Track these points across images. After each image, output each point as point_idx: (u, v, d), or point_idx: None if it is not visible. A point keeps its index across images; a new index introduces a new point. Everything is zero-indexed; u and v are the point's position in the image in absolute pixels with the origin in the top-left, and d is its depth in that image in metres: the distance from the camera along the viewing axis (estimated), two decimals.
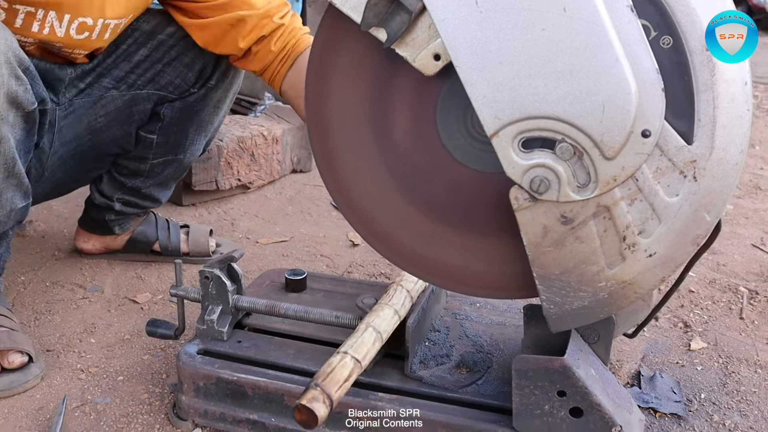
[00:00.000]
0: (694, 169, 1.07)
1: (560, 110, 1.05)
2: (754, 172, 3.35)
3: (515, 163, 1.10)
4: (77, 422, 1.52)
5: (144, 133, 1.98)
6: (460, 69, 1.08)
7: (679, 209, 1.09)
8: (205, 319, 1.53)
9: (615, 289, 1.16)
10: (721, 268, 2.31)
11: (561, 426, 1.26)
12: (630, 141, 1.05)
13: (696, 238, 1.11)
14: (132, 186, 2.08)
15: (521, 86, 1.06)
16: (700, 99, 1.05)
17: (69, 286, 2.09)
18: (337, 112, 1.28)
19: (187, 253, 2.21)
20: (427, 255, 1.32)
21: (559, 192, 1.10)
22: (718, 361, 1.80)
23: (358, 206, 1.33)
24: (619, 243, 1.13)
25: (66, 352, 1.77)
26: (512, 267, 1.25)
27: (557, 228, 1.14)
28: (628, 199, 1.10)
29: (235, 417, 1.45)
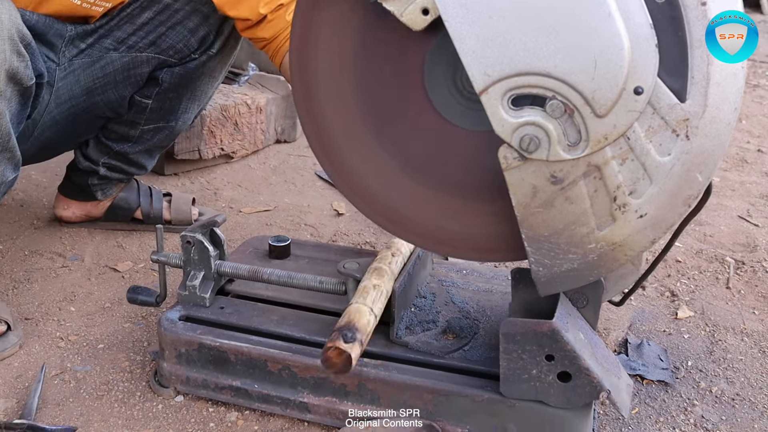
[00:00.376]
0: (686, 127, 1.05)
1: (551, 66, 1.03)
2: (741, 145, 3.34)
3: (504, 121, 1.08)
4: (56, 390, 1.49)
5: (139, 97, 1.94)
6: (449, 23, 1.05)
7: (671, 169, 1.07)
8: (186, 285, 1.50)
9: (605, 251, 1.14)
10: (707, 239, 2.30)
11: (549, 390, 1.24)
12: (622, 98, 1.02)
13: (688, 198, 1.09)
14: (119, 150, 2.04)
15: (511, 41, 1.03)
16: (694, 55, 1.03)
17: (48, 255, 2.05)
18: (322, 74, 1.25)
19: (169, 221, 2.18)
20: (415, 217, 1.29)
21: (549, 151, 1.08)
22: (705, 329, 1.79)
23: (345, 169, 1.30)
24: (609, 203, 1.10)
25: (45, 320, 1.74)
26: (501, 228, 1.23)
27: (547, 188, 1.11)
28: (620, 158, 1.07)
29: (217, 384, 1.43)
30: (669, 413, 1.48)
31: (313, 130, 1.29)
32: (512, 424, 1.29)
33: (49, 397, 1.47)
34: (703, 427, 1.45)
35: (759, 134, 3.54)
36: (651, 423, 1.45)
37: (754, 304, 1.92)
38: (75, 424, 1.40)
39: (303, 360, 1.37)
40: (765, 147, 3.33)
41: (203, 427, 1.40)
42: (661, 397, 1.53)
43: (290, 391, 1.39)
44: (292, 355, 1.37)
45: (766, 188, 2.79)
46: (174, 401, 1.47)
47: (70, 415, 1.43)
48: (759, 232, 2.37)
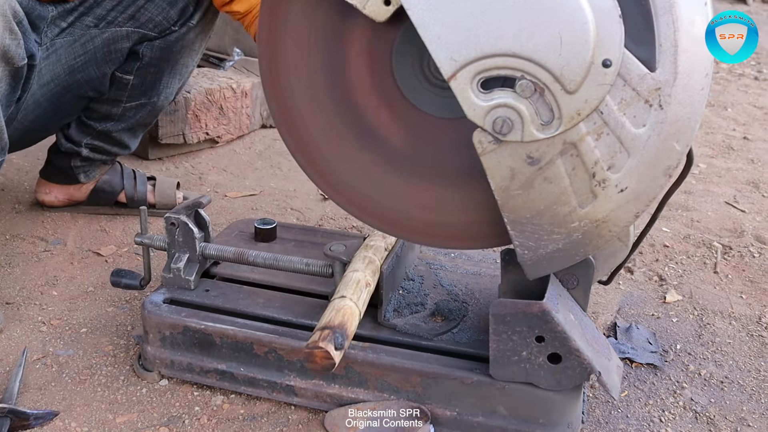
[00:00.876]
0: (659, 97, 1.03)
1: (517, 46, 1.01)
2: (727, 133, 3.35)
3: (476, 105, 1.06)
4: (38, 374, 1.47)
5: (120, 74, 1.91)
6: (411, 11, 1.03)
7: (647, 140, 1.05)
8: (171, 268, 1.47)
9: (589, 229, 1.12)
10: (695, 224, 2.30)
11: (539, 372, 1.23)
12: (591, 72, 1.01)
13: (667, 169, 1.07)
14: (102, 130, 2.00)
15: (475, 24, 1.02)
16: (660, 23, 1.01)
17: (30, 239, 2.01)
18: (292, 69, 1.23)
19: (153, 205, 2.15)
20: (393, 208, 1.27)
21: (523, 131, 1.06)
22: (693, 313, 1.79)
23: (316, 157, 1.28)
24: (589, 180, 1.08)
25: (27, 304, 1.71)
26: (482, 215, 1.21)
27: (524, 169, 1.10)
28: (595, 133, 1.05)
29: (202, 367, 1.41)
30: (658, 396, 1.48)
31: (283, 122, 1.27)
32: (502, 406, 1.28)
33: (30, 382, 1.44)
34: (692, 410, 1.44)
35: (744, 122, 3.54)
36: (640, 405, 1.44)
37: (742, 288, 1.92)
38: (57, 408, 1.37)
39: (289, 343, 1.35)
40: (751, 134, 3.33)
41: (188, 411, 1.38)
42: (650, 380, 1.52)
43: (277, 374, 1.37)
44: (279, 338, 1.35)
45: (752, 175, 2.79)
46: (158, 385, 1.45)
47: (52, 399, 1.40)
48: (745, 217, 2.37)
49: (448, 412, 1.30)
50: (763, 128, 3.45)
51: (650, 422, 1.40)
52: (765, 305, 1.83)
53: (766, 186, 2.67)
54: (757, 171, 2.85)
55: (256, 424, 1.35)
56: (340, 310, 1.22)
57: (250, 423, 1.35)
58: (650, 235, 2.17)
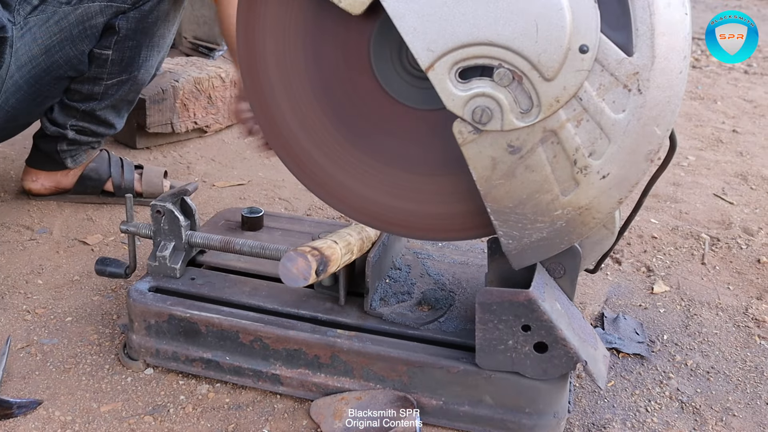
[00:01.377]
0: (637, 81, 1.02)
1: (493, 34, 1.01)
2: (716, 126, 3.36)
3: (454, 95, 1.06)
4: (22, 363, 1.46)
5: (98, 50, 1.88)
6: (386, 3, 1.03)
7: (627, 125, 1.04)
8: (157, 256, 1.46)
9: (572, 216, 1.12)
10: (683, 216, 2.30)
11: (525, 361, 1.23)
12: (568, 59, 1.00)
13: (649, 153, 1.06)
14: (86, 110, 1.98)
15: (450, 14, 1.01)
16: (635, 7, 1.00)
17: (15, 228, 2.00)
18: (270, 65, 1.22)
19: (140, 194, 2.13)
20: (375, 200, 1.26)
21: (503, 120, 1.06)
22: (681, 304, 1.79)
23: (296, 151, 1.27)
24: (570, 167, 1.08)
25: (11, 293, 1.70)
26: (466, 206, 1.21)
27: (506, 158, 1.09)
28: (574, 120, 1.04)
29: (188, 356, 1.40)
30: (645, 386, 1.48)
31: (262, 114, 1.26)
32: (488, 395, 1.28)
33: (14, 370, 1.43)
34: (678, 400, 1.44)
35: (734, 115, 3.55)
36: (627, 395, 1.45)
37: (729, 279, 1.92)
38: (41, 397, 1.36)
39: (275, 331, 1.34)
40: (740, 127, 3.34)
41: (173, 400, 1.37)
42: (636, 370, 1.52)
43: (262, 363, 1.37)
44: (264, 327, 1.35)
45: (740, 167, 2.80)
46: (143, 374, 1.44)
47: (36, 388, 1.39)
48: (733, 209, 2.37)
49: (434, 401, 1.30)
50: (753, 121, 3.46)
51: (636, 412, 1.40)
52: (752, 296, 1.84)
53: (755, 178, 2.68)
54: (746, 163, 2.85)
55: (242, 413, 1.35)
56: (332, 248, 1.21)
57: (235, 412, 1.35)
58: (638, 227, 2.18)
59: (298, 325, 1.34)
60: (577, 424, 1.36)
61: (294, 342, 1.32)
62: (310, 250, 1.16)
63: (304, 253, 1.14)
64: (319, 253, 1.17)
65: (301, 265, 1.13)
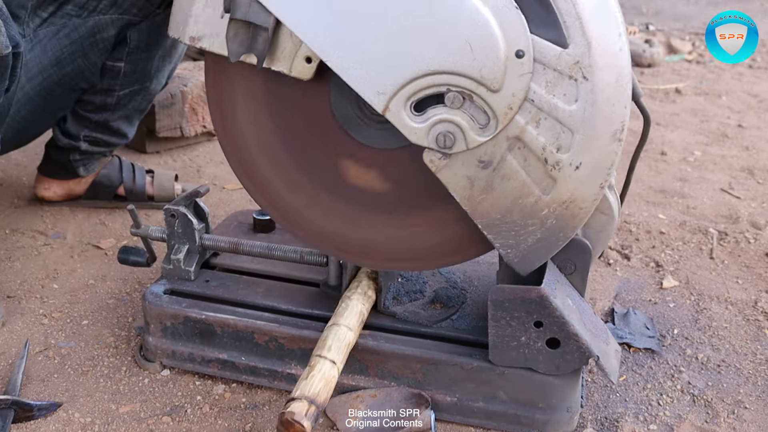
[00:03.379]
0: (580, 69, 1.04)
1: (433, 63, 1.05)
2: (722, 121, 3.37)
3: (415, 128, 1.10)
4: (41, 366, 1.48)
5: (111, 62, 1.89)
6: (330, 62, 1.08)
7: (584, 113, 1.06)
8: (171, 259, 1.48)
9: (560, 212, 1.14)
10: (690, 211, 2.31)
11: (538, 357, 1.24)
12: (508, 67, 1.04)
13: (615, 133, 1.08)
14: (99, 120, 2.00)
15: (390, 56, 1.06)
16: (557, 2, 1.03)
17: (30, 234, 2.02)
18: (248, 139, 1.28)
19: (152, 197, 2.15)
20: (370, 241, 1.30)
21: (466, 140, 1.09)
22: (690, 298, 1.80)
23: (287, 211, 1.32)
24: (543, 167, 1.10)
25: (28, 297, 1.72)
26: (459, 229, 1.23)
27: (480, 174, 1.12)
28: (533, 122, 1.07)
29: (204, 357, 1.42)
30: (656, 380, 1.49)
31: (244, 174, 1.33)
32: (501, 391, 1.29)
33: (33, 374, 1.45)
34: (689, 393, 1.45)
35: (739, 110, 3.56)
36: (638, 389, 1.46)
37: (738, 273, 1.93)
38: (60, 399, 1.38)
39: (290, 331, 1.36)
40: (745, 122, 3.35)
41: (190, 401, 1.39)
42: (648, 365, 1.54)
43: (278, 363, 1.38)
44: (279, 327, 1.36)
45: (746, 162, 2.81)
46: (160, 375, 1.46)
47: (55, 390, 1.41)
48: (741, 204, 2.38)
49: (449, 397, 1.32)
50: (758, 116, 3.47)
51: (648, 405, 1.42)
52: (761, 290, 1.85)
53: (761, 173, 2.69)
54: (752, 158, 2.86)
55: (258, 412, 1.36)
56: (323, 380, 1.17)
57: (252, 411, 1.37)
58: (646, 222, 2.19)
59: (313, 325, 1.36)
60: (590, 418, 1.37)
61: (309, 341, 1.34)
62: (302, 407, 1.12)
63: (292, 416, 1.10)
64: (314, 406, 1.13)
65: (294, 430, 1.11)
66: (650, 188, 2.50)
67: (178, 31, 1.17)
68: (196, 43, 1.16)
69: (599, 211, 1.26)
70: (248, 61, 1.13)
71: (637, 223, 2.19)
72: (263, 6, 1.07)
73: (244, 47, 1.11)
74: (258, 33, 1.09)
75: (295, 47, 1.12)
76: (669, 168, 2.71)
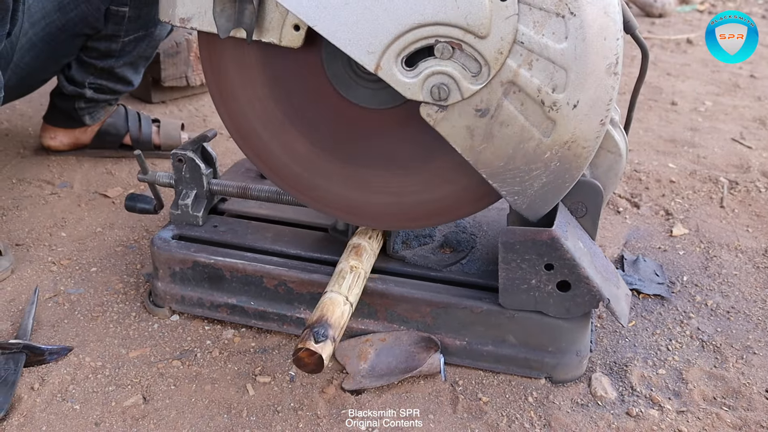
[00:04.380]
0: (566, 5, 1.02)
1: (418, 16, 1.05)
2: (733, 71, 3.33)
3: (408, 84, 1.10)
4: (51, 312, 1.48)
5: (115, 6, 1.86)
6: (317, 27, 1.08)
7: (575, 49, 1.04)
8: (179, 204, 1.48)
9: (563, 153, 1.12)
10: (701, 161, 2.29)
11: (548, 300, 1.24)
12: (493, 11, 1.03)
13: (609, 67, 1.06)
14: (104, 67, 1.98)
15: (373, 15, 1.06)
16: None
17: (36, 183, 2.01)
18: (245, 106, 1.29)
19: (159, 146, 2.14)
20: (378, 203, 1.30)
21: (461, 89, 1.09)
22: (700, 246, 1.79)
23: (290, 177, 1.33)
24: (540, 109, 1.09)
25: (36, 245, 1.72)
26: (468, 180, 1.23)
27: (479, 123, 1.11)
28: (525, 64, 1.06)
29: (213, 302, 1.42)
30: (665, 325, 1.49)
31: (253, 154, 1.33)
32: (511, 335, 1.29)
33: (43, 319, 1.46)
34: (698, 339, 1.45)
35: (752, 60, 3.51)
36: (648, 335, 1.46)
37: (748, 222, 1.92)
38: (70, 344, 1.39)
39: (299, 275, 1.36)
40: (757, 72, 3.31)
41: (200, 345, 1.40)
42: (657, 311, 1.53)
43: (287, 307, 1.38)
44: (288, 271, 1.36)
45: (758, 112, 2.77)
46: (169, 320, 1.46)
47: (66, 335, 1.42)
48: (752, 153, 2.36)
49: (458, 341, 1.32)
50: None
51: (657, 350, 1.42)
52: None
53: None
54: (764, 108, 2.83)
55: (267, 356, 1.37)
56: (319, 306, 1.18)
57: (261, 355, 1.37)
58: (656, 171, 2.17)
59: (322, 269, 1.36)
60: (599, 363, 1.37)
61: (318, 285, 1.34)
62: (299, 337, 1.12)
63: (296, 349, 1.11)
64: (307, 329, 1.13)
65: (307, 358, 1.11)
66: (660, 138, 2.48)
67: (168, 14, 1.18)
68: (186, 24, 1.17)
69: (605, 150, 1.25)
70: (238, 35, 1.15)
71: (647, 171, 2.17)
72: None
73: (232, 22, 1.12)
74: (244, 6, 1.11)
75: (282, 16, 1.13)
76: (680, 118, 2.68)
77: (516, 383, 1.32)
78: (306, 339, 1.10)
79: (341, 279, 1.23)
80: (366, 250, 1.30)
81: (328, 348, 1.11)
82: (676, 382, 1.34)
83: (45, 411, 1.24)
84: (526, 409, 1.26)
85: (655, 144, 2.42)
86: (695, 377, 1.35)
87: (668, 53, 3.65)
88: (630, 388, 1.32)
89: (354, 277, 1.24)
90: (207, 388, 1.30)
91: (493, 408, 1.26)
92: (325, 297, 1.19)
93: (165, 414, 1.24)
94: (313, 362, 1.10)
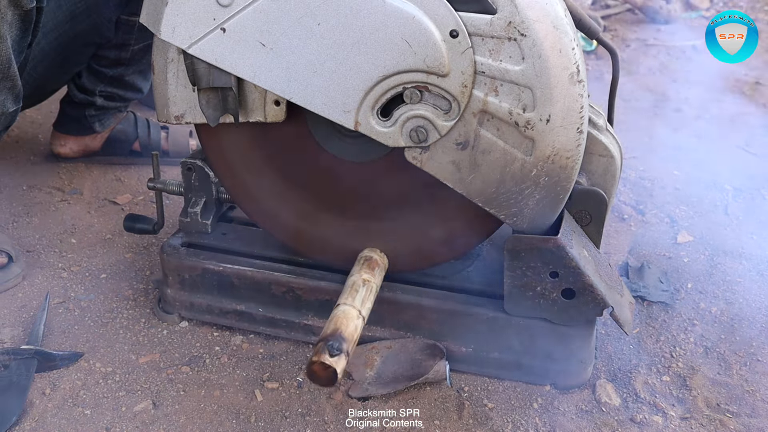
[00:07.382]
0: (515, 28, 1.07)
1: (381, 69, 1.11)
2: (739, 78, 3.32)
3: (388, 133, 1.15)
4: (61, 318, 1.50)
5: (126, 16, 1.88)
6: (294, 98, 1.15)
7: (534, 67, 1.08)
8: (188, 212, 1.49)
9: (549, 168, 1.15)
10: (706, 168, 2.29)
11: (553, 307, 1.25)
12: (448, 49, 1.08)
13: (571, 76, 1.10)
14: (114, 75, 2.00)
15: (342, 77, 1.12)
16: None
17: (47, 190, 2.04)
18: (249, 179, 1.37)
19: (167, 152, 2.16)
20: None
21: (437, 128, 1.14)
22: (705, 253, 1.80)
23: (290, 228, 1.39)
24: (516, 130, 1.13)
25: (47, 252, 1.74)
26: (467, 213, 1.26)
27: (462, 156, 1.16)
28: (492, 91, 1.11)
29: (222, 308, 1.44)
30: (670, 332, 1.50)
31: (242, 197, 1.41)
32: (516, 342, 1.30)
33: (54, 325, 1.48)
34: (702, 345, 1.46)
35: (757, 67, 3.51)
36: (652, 342, 1.47)
37: (752, 229, 1.93)
38: (81, 349, 1.41)
39: (307, 282, 1.37)
40: (763, 79, 3.31)
41: (209, 351, 1.41)
42: (661, 318, 1.55)
43: (295, 314, 1.40)
44: (296, 278, 1.38)
45: (763, 119, 2.78)
46: (179, 327, 1.48)
47: (76, 341, 1.44)
48: (757, 161, 2.37)
49: (464, 348, 1.33)
50: None
51: (662, 357, 1.43)
52: None
53: None
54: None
55: (276, 362, 1.39)
56: (333, 319, 1.17)
57: (269, 362, 1.39)
58: (660, 178, 2.18)
59: (329, 276, 1.37)
60: (604, 369, 1.39)
61: (325, 292, 1.36)
62: (320, 349, 1.11)
63: (309, 363, 1.10)
64: (321, 342, 1.12)
65: (320, 372, 1.09)
66: (666, 145, 2.48)
67: (164, 114, 1.25)
68: (182, 120, 1.24)
69: (596, 155, 1.28)
70: (228, 121, 1.21)
71: (651, 178, 2.18)
72: (221, 69, 1.13)
73: (219, 110, 1.19)
74: (226, 94, 1.18)
75: (262, 95, 1.20)
76: (685, 125, 2.69)
77: (521, 389, 1.33)
78: (320, 352, 1.10)
79: (354, 292, 1.23)
80: (378, 264, 1.31)
81: (342, 362, 1.10)
82: (680, 388, 1.35)
83: (56, 416, 1.26)
84: (531, 415, 1.28)
85: (660, 151, 2.43)
86: (699, 384, 1.36)
87: (674, 60, 3.65)
88: (634, 395, 1.33)
89: (367, 291, 1.24)
90: (216, 393, 1.31)
91: (498, 414, 1.28)
92: (339, 310, 1.18)
93: (174, 419, 1.26)
94: (326, 376, 1.09)
